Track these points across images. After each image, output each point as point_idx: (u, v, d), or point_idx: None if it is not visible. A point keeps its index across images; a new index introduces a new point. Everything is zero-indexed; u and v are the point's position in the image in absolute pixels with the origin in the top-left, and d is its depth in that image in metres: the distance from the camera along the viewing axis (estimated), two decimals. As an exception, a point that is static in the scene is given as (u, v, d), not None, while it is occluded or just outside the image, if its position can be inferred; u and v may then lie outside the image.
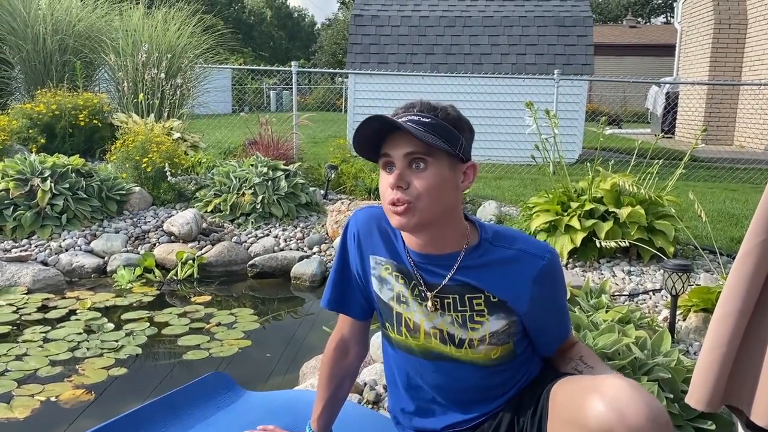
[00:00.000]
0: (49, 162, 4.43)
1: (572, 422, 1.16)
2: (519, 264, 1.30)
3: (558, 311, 1.40)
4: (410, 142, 1.21)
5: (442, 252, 1.31)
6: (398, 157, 1.22)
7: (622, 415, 1.07)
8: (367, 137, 1.24)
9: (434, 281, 1.32)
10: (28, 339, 2.96)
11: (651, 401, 1.10)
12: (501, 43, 8.94)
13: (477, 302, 1.32)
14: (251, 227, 4.47)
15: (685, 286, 2.46)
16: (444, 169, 1.23)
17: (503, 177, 7.22)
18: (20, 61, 6.80)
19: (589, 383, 1.18)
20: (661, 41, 23.24)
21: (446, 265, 1.31)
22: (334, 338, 1.54)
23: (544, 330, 1.39)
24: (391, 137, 1.23)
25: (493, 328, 1.32)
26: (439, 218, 1.26)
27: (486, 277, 1.30)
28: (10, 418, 2.25)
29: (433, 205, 1.23)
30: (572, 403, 1.18)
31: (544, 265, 1.30)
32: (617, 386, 1.11)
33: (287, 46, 48.84)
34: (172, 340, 3.02)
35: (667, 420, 1.11)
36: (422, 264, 1.32)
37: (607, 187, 3.75)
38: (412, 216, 1.22)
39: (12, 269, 3.70)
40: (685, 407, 1.77)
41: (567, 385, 1.26)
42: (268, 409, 1.86)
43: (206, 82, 7.14)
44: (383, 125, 1.22)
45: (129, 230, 4.31)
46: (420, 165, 1.22)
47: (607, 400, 1.10)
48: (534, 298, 1.31)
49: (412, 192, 1.21)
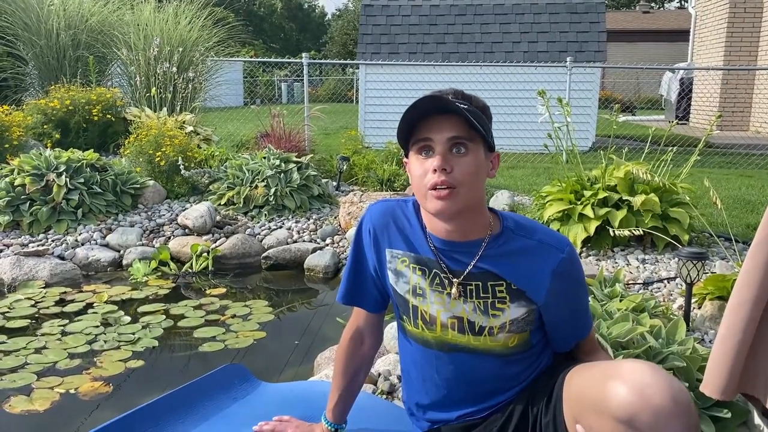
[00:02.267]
0: (64, 157, 4.47)
1: (594, 410, 1.14)
2: (539, 255, 1.31)
3: (575, 307, 1.39)
4: (454, 126, 1.23)
5: (466, 239, 1.32)
6: (440, 140, 1.23)
7: (647, 398, 1.05)
8: (412, 120, 1.25)
9: (458, 268, 1.33)
10: (46, 332, 3.00)
11: (672, 381, 1.09)
12: (512, 31, 8.88)
13: (499, 289, 1.33)
14: (264, 219, 4.49)
15: (700, 274, 2.44)
16: (480, 155, 1.26)
17: (516, 166, 7.19)
18: (34, 57, 6.85)
19: (606, 369, 1.17)
20: (674, 26, 22.94)
21: (470, 252, 1.32)
22: (349, 329, 1.56)
23: (560, 325, 1.39)
24: (433, 120, 1.24)
25: (513, 315, 1.33)
26: (473, 204, 1.28)
27: (507, 266, 1.32)
28: (30, 411, 2.29)
29: (472, 191, 1.25)
30: (592, 390, 1.16)
31: (564, 258, 1.31)
32: (637, 369, 1.10)
33: (298, 37, 48.78)
34: (188, 332, 3.05)
35: (689, 399, 1.09)
36: (446, 251, 1.33)
37: (621, 175, 3.72)
38: (455, 201, 1.23)
39: (30, 263, 3.75)
40: (701, 396, 1.76)
41: (583, 373, 1.25)
42: (283, 400, 1.88)
43: (218, 75, 7.16)
44: (436, 105, 1.23)
45: (144, 224, 4.35)
46: (461, 150, 1.24)
47: (629, 384, 1.08)
48: (551, 291, 1.31)
49: (455, 176, 1.22)
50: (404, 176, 5.35)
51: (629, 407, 1.06)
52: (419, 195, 1.28)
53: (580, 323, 1.42)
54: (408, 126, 1.26)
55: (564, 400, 1.26)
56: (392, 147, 5.83)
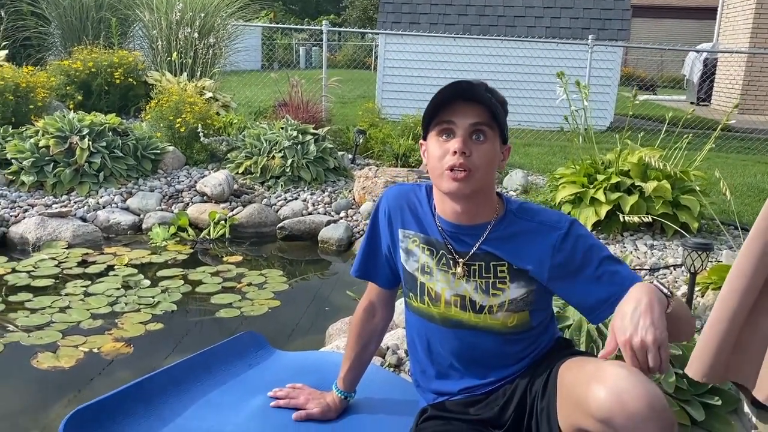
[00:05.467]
0: (87, 120, 4.57)
1: (577, 407, 1.24)
2: (539, 235, 1.39)
3: (593, 273, 1.35)
4: (477, 114, 1.31)
5: (473, 222, 1.40)
6: (463, 125, 1.31)
7: (622, 403, 1.14)
8: (441, 101, 1.32)
9: (463, 249, 1.42)
10: (70, 292, 3.13)
11: (650, 388, 1.17)
12: (535, 5, 8.77)
13: (501, 269, 1.41)
14: (281, 190, 4.58)
15: (705, 263, 2.50)
16: (496, 145, 1.35)
17: (532, 144, 7.20)
18: (57, 17, 6.91)
19: (592, 370, 1.25)
20: (702, 4, 22.39)
21: (475, 234, 1.40)
22: (362, 302, 1.65)
23: (585, 294, 1.37)
24: (458, 106, 1.32)
25: (512, 296, 1.41)
26: (484, 189, 1.37)
27: (509, 248, 1.39)
28: (56, 367, 2.42)
29: (485, 176, 1.34)
30: (577, 388, 1.25)
31: (562, 233, 1.37)
32: (617, 374, 1.17)
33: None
34: (205, 298, 3.17)
35: (665, 405, 1.18)
36: (453, 233, 1.42)
37: (635, 160, 3.75)
38: (469, 183, 1.32)
39: (54, 224, 3.88)
40: (694, 383, 1.84)
41: (573, 369, 1.32)
42: (296, 368, 1.98)
43: (238, 42, 7.18)
44: (464, 92, 1.30)
45: (163, 189, 4.45)
46: (480, 137, 1.32)
47: (609, 388, 1.16)
48: (555, 266, 1.37)
49: (473, 160, 1.31)
50: (419, 152, 5.39)
51: (606, 410, 1.15)
52: (435, 175, 1.36)
53: (608, 286, 1.34)
54: (435, 107, 1.33)
55: (557, 392, 1.35)
56: (408, 121, 5.86)
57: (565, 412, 1.31)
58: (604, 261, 1.37)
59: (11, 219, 3.95)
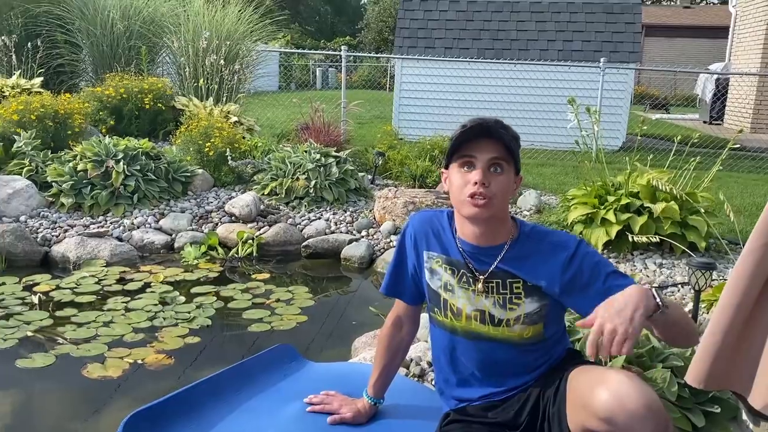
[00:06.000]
0: (122, 145, 4.83)
1: (584, 407, 1.43)
2: (550, 254, 1.58)
3: (600, 287, 1.53)
4: (495, 149, 1.52)
5: (491, 243, 1.60)
6: (482, 159, 1.52)
7: (623, 404, 1.32)
8: (464, 139, 1.52)
9: (482, 268, 1.61)
10: (111, 308, 3.35)
11: (647, 392, 1.35)
12: (548, 29, 9.00)
13: (516, 286, 1.60)
14: (304, 210, 4.80)
15: (708, 282, 2.66)
16: (511, 175, 1.56)
17: (545, 164, 7.38)
18: (89, 45, 7.23)
19: (597, 376, 1.44)
20: (715, 23, 22.53)
21: (493, 254, 1.60)
22: (390, 317, 1.85)
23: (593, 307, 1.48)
24: (478, 142, 1.52)
25: (527, 310, 1.60)
26: (500, 214, 1.57)
27: (524, 266, 1.59)
28: (105, 377, 2.63)
29: (502, 203, 1.55)
30: (584, 391, 1.44)
31: (570, 252, 1.56)
32: (619, 379, 1.37)
33: (333, 20, 48.94)
34: (237, 313, 3.37)
35: (660, 407, 1.36)
36: (473, 253, 1.62)
37: (644, 182, 3.92)
38: (488, 209, 1.52)
39: (92, 244, 4.12)
40: (696, 392, 2.00)
41: (582, 375, 1.52)
42: (328, 377, 2.17)
43: (261, 67, 7.47)
44: (484, 130, 1.51)
45: (193, 210, 4.69)
46: (497, 169, 1.53)
47: (611, 390, 1.35)
48: (566, 281, 1.56)
49: (491, 190, 1.51)
50: (436, 173, 5.60)
51: (609, 410, 1.33)
52: (457, 201, 1.56)
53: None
54: (457, 144, 1.54)
55: (567, 396, 1.53)
56: (426, 143, 6.07)
57: (574, 413, 1.49)
58: (610, 276, 1.56)
59: (53, 239, 4.20)
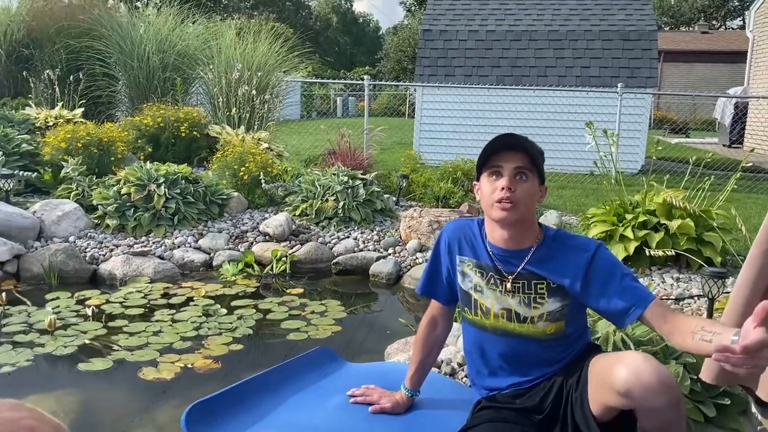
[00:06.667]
0: (163, 170, 5.13)
1: (604, 384, 1.62)
2: (573, 256, 1.77)
3: (617, 287, 1.71)
4: (520, 159, 1.73)
5: (519, 247, 1.80)
6: (509, 168, 1.73)
7: (639, 378, 1.51)
8: (492, 150, 1.73)
9: (510, 270, 1.81)
10: (159, 319, 3.59)
11: (660, 368, 1.54)
12: (566, 57, 9.25)
13: (540, 287, 1.80)
14: (334, 229, 5.03)
15: (721, 290, 2.83)
16: (535, 184, 1.77)
17: (566, 186, 7.56)
18: (126, 77, 7.64)
19: (615, 356, 1.64)
20: (733, 47, 22.69)
21: (520, 256, 1.80)
22: (426, 316, 2.06)
23: (611, 304, 1.72)
24: (505, 153, 1.74)
25: (550, 308, 1.80)
26: (526, 218, 1.77)
27: (548, 268, 1.78)
28: (160, 378, 2.86)
29: (527, 208, 1.75)
30: (604, 370, 1.64)
31: (591, 254, 1.75)
32: (636, 358, 1.56)
33: (352, 51, 49.93)
34: (276, 323, 3.59)
35: (673, 383, 1.54)
36: (502, 256, 1.82)
37: (660, 200, 4.10)
38: (514, 212, 1.72)
39: (137, 262, 4.38)
40: (708, 386, 2.17)
41: (601, 359, 1.72)
42: (365, 376, 2.37)
43: (289, 97, 7.80)
44: (510, 142, 1.73)
45: (230, 230, 4.95)
46: (523, 177, 1.74)
47: (628, 367, 1.54)
48: (586, 282, 1.74)
49: (517, 195, 1.72)
50: (458, 194, 5.82)
51: (626, 383, 1.52)
52: (486, 206, 1.77)
53: (633, 298, 1.69)
54: (487, 155, 1.75)
55: (588, 379, 1.72)
56: (448, 166, 6.30)
57: (595, 393, 1.67)
58: (626, 278, 1.75)
59: (100, 257, 4.48)
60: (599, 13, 9.69)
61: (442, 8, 10.19)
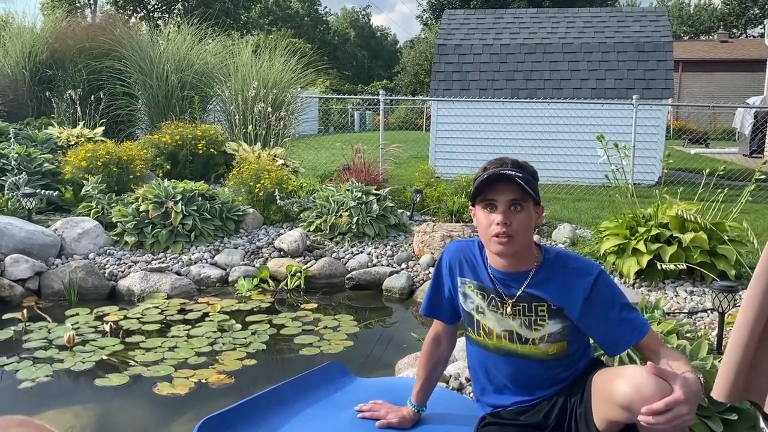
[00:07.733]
0: (180, 187, 5.23)
1: (606, 399, 1.64)
2: (573, 279, 1.78)
3: (614, 317, 1.75)
4: (513, 191, 1.73)
5: (518, 270, 1.81)
6: (502, 201, 1.73)
7: (640, 392, 1.53)
8: (485, 184, 1.73)
9: (510, 292, 1.83)
10: (174, 335, 3.66)
11: (660, 382, 1.55)
12: (581, 69, 9.25)
13: (541, 309, 1.82)
14: (348, 245, 5.08)
15: (731, 304, 2.82)
16: (531, 211, 1.77)
17: (581, 199, 7.54)
18: (146, 96, 7.81)
19: (616, 371, 1.66)
20: (753, 56, 22.45)
21: (520, 279, 1.82)
22: (431, 333, 2.09)
23: (607, 333, 1.77)
24: (497, 186, 1.73)
25: (551, 330, 1.82)
26: (525, 246, 1.78)
27: (548, 290, 1.80)
28: (174, 394, 2.91)
29: (524, 238, 1.76)
30: (606, 386, 1.65)
31: (591, 280, 1.77)
32: (635, 372, 1.58)
33: (370, 65, 50.28)
34: (289, 338, 3.64)
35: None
36: (502, 279, 1.84)
37: (673, 214, 4.09)
38: (512, 246, 1.73)
39: (155, 278, 4.47)
40: (716, 402, 2.16)
41: (603, 374, 1.74)
42: (375, 391, 2.40)
43: (304, 113, 7.91)
44: (500, 176, 1.72)
45: (246, 246, 5.03)
46: (517, 208, 1.74)
47: (629, 381, 1.56)
48: (585, 307, 1.76)
49: (513, 228, 1.72)
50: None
51: (627, 397, 1.54)
52: (484, 239, 1.79)
53: (630, 331, 1.74)
54: (479, 189, 1.78)
55: (591, 395, 1.74)
56: (462, 181, 6.33)
57: (598, 408, 1.69)
58: (624, 308, 1.78)
59: (119, 274, 4.57)
60: (614, 25, 9.68)
61: (457, 22, 10.27)
